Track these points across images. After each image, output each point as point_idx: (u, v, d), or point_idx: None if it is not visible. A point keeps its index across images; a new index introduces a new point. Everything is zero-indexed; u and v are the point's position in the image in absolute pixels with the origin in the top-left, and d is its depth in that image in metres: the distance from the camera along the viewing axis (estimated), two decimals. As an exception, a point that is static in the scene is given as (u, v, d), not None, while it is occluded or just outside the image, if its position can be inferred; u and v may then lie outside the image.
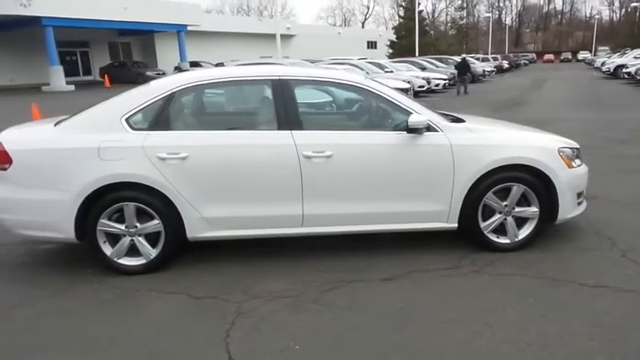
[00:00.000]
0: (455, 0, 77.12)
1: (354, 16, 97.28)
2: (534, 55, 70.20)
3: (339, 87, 3.77)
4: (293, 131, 3.46)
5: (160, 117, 3.47)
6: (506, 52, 64.08)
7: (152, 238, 3.53)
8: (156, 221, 3.46)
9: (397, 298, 3.07)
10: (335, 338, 2.66)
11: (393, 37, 51.77)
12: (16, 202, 3.43)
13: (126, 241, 3.50)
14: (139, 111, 3.48)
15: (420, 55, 35.37)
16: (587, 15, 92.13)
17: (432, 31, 57.39)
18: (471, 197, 3.58)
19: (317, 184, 3.47)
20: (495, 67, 35.64)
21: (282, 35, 50.76)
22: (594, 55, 58.43)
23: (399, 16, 52.09)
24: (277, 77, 3.57)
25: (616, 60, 27.53)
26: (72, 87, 26.94)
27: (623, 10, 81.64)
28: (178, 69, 14.27)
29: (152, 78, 31.85)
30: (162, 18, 31.95)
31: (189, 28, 34.74)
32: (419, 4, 42.01)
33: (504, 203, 3.64)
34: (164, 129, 3.46)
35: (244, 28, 45.97)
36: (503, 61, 41.51)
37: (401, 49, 44.04)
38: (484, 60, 36.93)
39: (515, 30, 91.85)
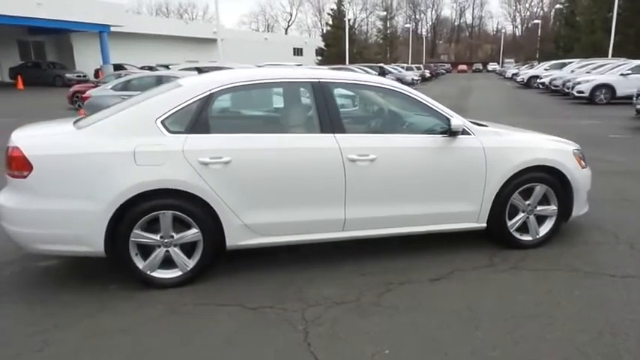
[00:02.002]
0: (375, 10, 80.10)
1: (277, 22, 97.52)
2: (450, 65, 74.54)
3: (378, 91, 3.79)
4: (336, 134, 3.43)
5: (199, 119, 3.29)
6: (424, 62, 67.54)
7: (186, 249, 3.33)
8: (194, 230, 3.26)
9: (456, 298, 3.14)
10: (421, 340, 2.67)
11: (319, 45, 52.57)
12: (35, 213, 3.08)
13: (161, 252, 3.27)
14: (175, 113, 3.27)
15: (349, 63, 36.23)
16: (494, 29, 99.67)
17: (362, 40, 58.95)
18: (499, 197, 3.75)
19: (360, 187, 3.46)
20: (420, 75, 37.39)
21: (208, 39, 49.96)
22: (502, 66, 63.22)
23: (328, 25, 53.05)
24: (317, 80, 3.52)
25: (528, 71, 30.00)
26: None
27: (524, 26, 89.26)
28: (199, 70, 13.34)
29: (73, 80, 29.77)
30: (82, 17, 29.76)
31: (112, 29, 32.84)
32: (345, 13, 43.03)
33: (527, 202, 3.86)
34: (204, 132, 3.28)
35: (170, 30, 44.43)
36: (425, 71, 43.66)
37: (330, 56, 44.83)
38: (409, 69, 38.58)
39: (430, 41, 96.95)
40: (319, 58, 49.75)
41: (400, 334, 2.72)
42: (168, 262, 3.32)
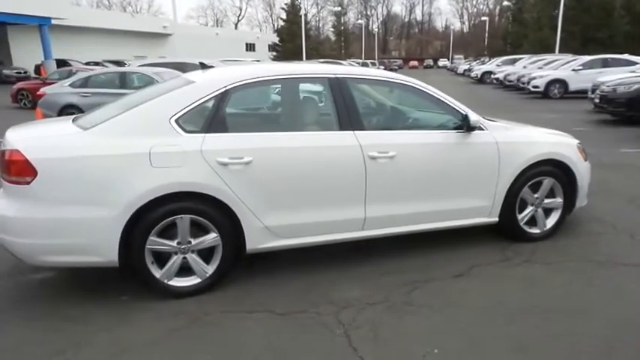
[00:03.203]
0: (326, 5, 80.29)
1: (227, 17, 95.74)
2: (402, 61, 75.85)
3: (394, 86, 3.72)
4: (355, 131, 3.34)
5: (215, 117, 3.11)
6: (376, 58, 68.39)
7: (203, 254, 3.16)
8: (213, 234, 3.09)
9: (482, 293, 3.13)
10: (462, 337, 2.64)
11: (271, 40, 52.02)
12: (41, 222, 2.82)
13: (178, 259, 3.08)
14: (190, 111, 3.08)
15: (306, 59, 36.11)
16: (443, 26, 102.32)
17: (315, 36, 58.87)
18: (511, 192, 3.79)
19: (379, 185, 3.39)
20: (376, 71, 37.80)
21: (157, 34, 48.39)
22: (451, 62, 65.00)
23: (282, 19, 52.56)
24: (334, 75, 3.41)
25: (482, 67, 30.95)
26: None
27: (472, 23, 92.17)
28: (203, 65, 12.60)
29: (12, 77, 27.91)
30: (19, 8, 27.64)
31: (53, 22, 30.97)
32: (300, 8, 42.81)
33: (535, 196, 3.92)
34: (221, 131, 3.11)
35: (117, 24, 42.58)
36: (380, 66, 44.24)
37: (285, 52, 44.50)
38: (364, 65, 38.94)
39: (381, 37, 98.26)
40: (274, 53, 49.26)
41: (441, 333, 2.68)
42: (184, 270, 3.13)
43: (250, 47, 63.03)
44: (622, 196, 5.21)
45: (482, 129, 3.68)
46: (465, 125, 3.58)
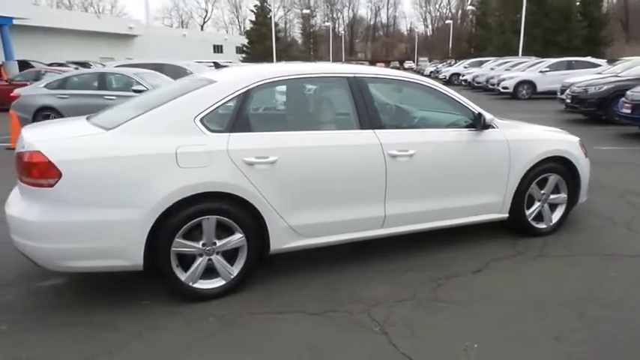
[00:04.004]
0: (293, 7, 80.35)
1: (192, 18, 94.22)
2: (369, 63, 76.61)
3: (410, 85, 3.75)
4: (375, 130, 3.37)
5: (239, 117, 3.07)
6: (343, 59, 68.86)
7: (227, 256, 3.11)
8: (238, 235, 3.05)
9: (506, 288, 3.20)
10: (498, 331, 2.69)
11: (240, 42, 51.54)
12: (65, 226, 2.71)
13: (203, 261, 3.02)
14: (214, 110, 3.03)
15: (276, 60, 36.01)
16: (407, 29, 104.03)
17: (283, 37, 58.76)
18: (520, 188, 3.89)
19: (399, 183, 3.43)
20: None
21: (123, 35, 47.20)
22: (417, 64, 66.09)
23: (251, 21, 52.18)
24: (352, 75, 3.43)
25: (450, 69, 31.66)
26: None
27: (435, 26, 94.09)
28: (216, 65, 12.19)
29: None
30: (-25, 7, 26.65)
31: (14, 22, 29.78)
32: (269, 9, 42.66)
33: (542, 192, 4.04)
34: (245, 130, 3.07)
35: (81, 24, 41.23)
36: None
37: (255, 54, 44.23)
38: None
39: (348, 40, 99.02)
40: (243, 55, 48.86)
41: (475, 327, 2.73)
42: (208, 272, 3.07)
43: (218, 49, 62.31)
44: (612, 191, 5.42)
45: (493, 127, 3.77)
46: (479, 123, 3.66)
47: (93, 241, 2.75)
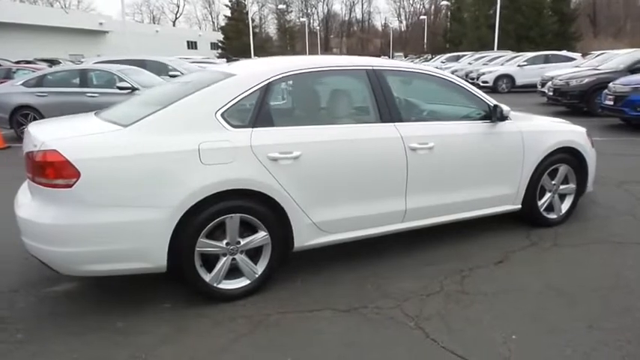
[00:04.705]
0: (267, 3, 79.81)
1: (164, 14, 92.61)
2: (344, 58, 76.61)
3: (427, 79, 3.71)
4: (395, 123, 3.32)
5: (260, 111, 2.98)
6: (319, 54, 68.72)
7: (250, 254, 3.02)
8: (262, 233, 2.96)
9: (530, 278, 3.21)
10: (532, 321, 2.68)
11: (214, 37, 50.86)
12: (83, 228, 2.58)
13: (227, 260, 2.93)
14: (234, 105, 2.93)
15: (254, 55, 35.68)
16: (382, 24, 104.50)
17: (259, 33, 58.21)
18: (533, 179, 3.91)
19: (419, 176, 3.40)
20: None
21: (93, 31, 46.04)
22: (393, 59, 66.46)
23: (227, 17, 51.49)
24: (371, 67, 3.37)
25: (428, 64, 31.86)
26: None
27: (409, 22, 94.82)
28: (228, 59, 11.78)
29: None
30: None
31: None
32: (245, 5, 42.22)
33: (553, 182, 4.07)
34: (267, 125, 2.98)
35: (49, 20, 40.08)
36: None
37: (232, 49, 43.70)
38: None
39: (323, 36, 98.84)
40: (219, 51, 48.22)
41: (509, 319, 2.72)
42: (232, 271, 2.98)
43: (192, 45, 61.42)
44: (608, 181, 5.52)
45: (509, 119, 3.77)
46: (495, 116, 3.66)
47: (113, 244, 2.63)
